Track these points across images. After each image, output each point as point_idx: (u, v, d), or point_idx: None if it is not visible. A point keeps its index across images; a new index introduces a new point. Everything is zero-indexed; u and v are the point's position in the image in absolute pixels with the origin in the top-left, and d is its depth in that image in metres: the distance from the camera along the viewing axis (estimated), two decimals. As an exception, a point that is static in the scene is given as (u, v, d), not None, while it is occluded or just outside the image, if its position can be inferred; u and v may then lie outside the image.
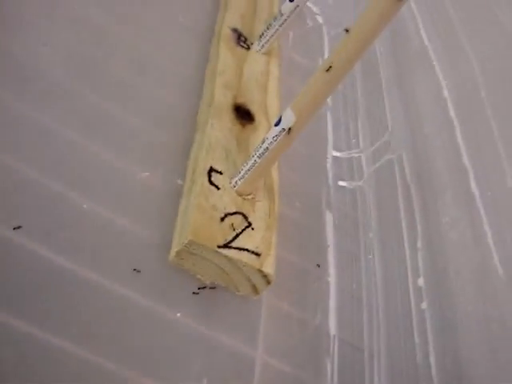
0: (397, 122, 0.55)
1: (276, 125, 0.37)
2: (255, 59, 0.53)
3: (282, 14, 0.51)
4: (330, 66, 0.33)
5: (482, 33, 0.52)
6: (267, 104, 0.49)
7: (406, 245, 0.46)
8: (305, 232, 0.48)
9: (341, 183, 0.53)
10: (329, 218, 0.50)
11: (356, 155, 0.56)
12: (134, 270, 0.38)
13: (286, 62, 0.63)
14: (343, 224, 0.50)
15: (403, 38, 0.61)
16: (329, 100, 0.62)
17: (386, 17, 0.30)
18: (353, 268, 0.48)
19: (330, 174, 0.54)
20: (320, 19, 0.74)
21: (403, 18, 0.63)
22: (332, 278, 0.46)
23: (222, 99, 0.46)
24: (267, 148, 0.38)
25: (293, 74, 0.62)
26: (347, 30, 0.32)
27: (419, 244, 0.44)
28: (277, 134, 0.37)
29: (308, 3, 0.73)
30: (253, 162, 0.39)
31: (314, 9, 0.75)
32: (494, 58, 0.49)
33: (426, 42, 0.57)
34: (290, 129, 0.37)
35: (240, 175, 0.40)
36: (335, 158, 0.56)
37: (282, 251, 0.45)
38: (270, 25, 0.52)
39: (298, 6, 0.50)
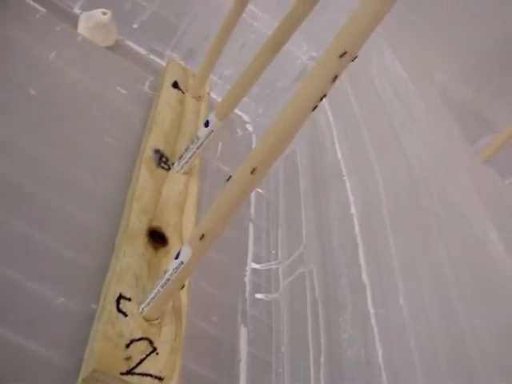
0: (310, 234, 0.58)
1: (176, 258, 0.40)
2: (175, 180, 0.56)
3: (198, 138, 0.55)
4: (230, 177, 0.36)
5: (389, 154, 0.56)
6: (183, 225, 0.52)
7: (311, 359, 0.48)
8: (219, 346, 0.50)
9: (258, 296, 0.56)
10: (243, 331, 0.52)
11: (274, 267, 0.59)
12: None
13: (213, 174, 0.66)
14: (257, 337, 0.53)
15: (320, 150, 0.65)
16: (252, 210, 0.65)
17: (301, 121, 0.32)
18: (264, 382, 0.50)
19: (248, 287, 0.57)
20: (250, 128, 0.78)
21: (322, 129, 0.67)
22: (243, 392, 0.48)
23: (137, 224, 0.49)
24: (168, 279, 0.41)
25: (218, 185, 0.65)
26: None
27: (322, 359, 0.47)
28: (176, 266, 0.40)
29: (239, 112, 0.77)
30: (157, 290, 0.42)
31: (245, 117, 0.79)
32: (397, 179, 0.53)
33: (340, 156, 0.61)
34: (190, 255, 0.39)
35: (147, 302, 0.43)
36: (254, 270, 0.58)
37: (195, 365, 0.47)
38: (188, 147, 0.56)
39: (212, 130, 0.54)
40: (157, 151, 0.58)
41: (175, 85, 0.68)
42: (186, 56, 0.79)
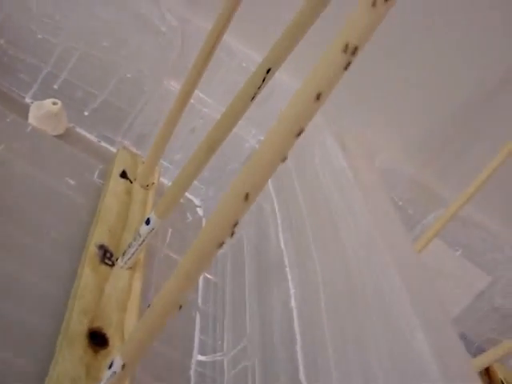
0: (254, 326, 0.59)
1: (109, 367, 0.41)
2: (118, 276, 0.57)
3: (140, 235, 0.56)
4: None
5: (328, 246, 0.57)
6: (125, 324, 0.53)
7: None
8: None
9: (202, 390, 0.56)
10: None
11: (219, 358, 0.59)
12: None
13: (161, 263, 0.67)
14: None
15: (265, 238, 0.66)
16: (199, 298, 0.66)
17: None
18: None
19: (193, 380, 0.57)
20: (200, 211, 0.79)
21: (267, 217, 0.68)
22: None
23: (78, 326, 0.49)
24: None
25: (167, 275, 0.65)
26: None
27: None
28: (109, 376, 0.41)
29: (189, 195, 0.78)
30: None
31: (195, 201, 0.80)
32: (334, 272, 0.54)
33: (283, 246, 0.62)
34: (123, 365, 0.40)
35: (83, 410, 0.43)
36: (200, 361, 0.59)
37: None
38: (131, 244, 0.57)
39: (153, 228, 0.55)
40: (101, 247, 0.58)
41: (123, 174, 0.69)
42: (136, 142, 0.81)
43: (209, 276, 0.70)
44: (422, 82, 0.88)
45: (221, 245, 0.31)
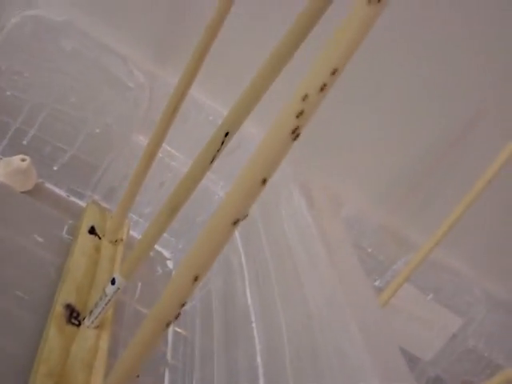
0: (221, 383, 0.59)
1: None
2: (85, 336, 0.57)
3: (106, 295, 0.56)
4: None
5: (292, 301, 0.58)
6: (90, 385, 0.53)
7: None
8: None
9: None
10: None
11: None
12: None
13: (130, 319, 0.67)
14: None
15: (233, 292, 0.67)
16: (168, 354, 0.66)
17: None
18: None
19: None
20: (170, 264, 0.80)
21: (235, 271, 0.69)
22: None
23: (42, 391, 0.49)
24: None
25: (136, 329, 0.66)
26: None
27: None
28: None
29: (159, 248, 0.79)
30: None
31: (165, 253, 0.81)
32: (298, 328, 0.54)
33: (250, 301, 0.62)
34: None
35: None
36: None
37: None
38: (98, 303, 0.57)
39: (118, 288, 0.55)
40: (68, 306, 0.58)
41: (92, 230, 0.70)
42: (106, 196, 0.81)
43: (178, 330, 0.70)
44: (386, 130, 0.90)
45: (168, 325, 0.31)
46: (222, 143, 0.46)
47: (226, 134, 0.46)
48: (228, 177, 0.81)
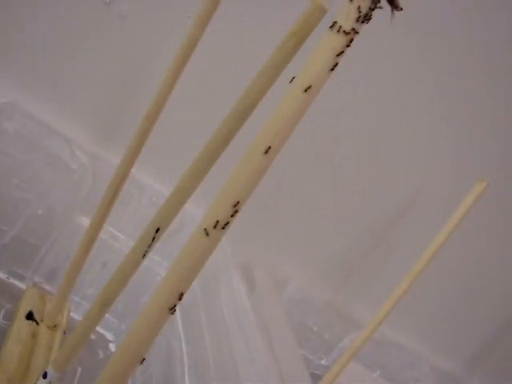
0: None
1: None
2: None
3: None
4: None
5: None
6: None
7: None
8: None
9: None
10: None
11: None
12: None
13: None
14: None
15: (172, 379, 0.66)
16: None
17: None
18: None
19: None
20: (113, 347, 0.79)
21: (175, 358, 0.68)
22: None
23: None
24: None
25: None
26: None
27: None
28: None
29: (100, 329, 0.78)
30: None
31: (107, 335, 0.80)
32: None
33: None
34: None
35: None
36: None
37: None
38: (32, 394, 0.56)
39: (50, 382, 0.54)
40: (0, 398, 0.57)
41: (29, 315, 0.69)
42: (48, 278, 0.80)
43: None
44: (329, 208, 0.92)
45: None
46: (153, 239, 0.47)
47: (157, 230, 0.46)
48: (171, 258, 0.81)
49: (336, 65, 0.30)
